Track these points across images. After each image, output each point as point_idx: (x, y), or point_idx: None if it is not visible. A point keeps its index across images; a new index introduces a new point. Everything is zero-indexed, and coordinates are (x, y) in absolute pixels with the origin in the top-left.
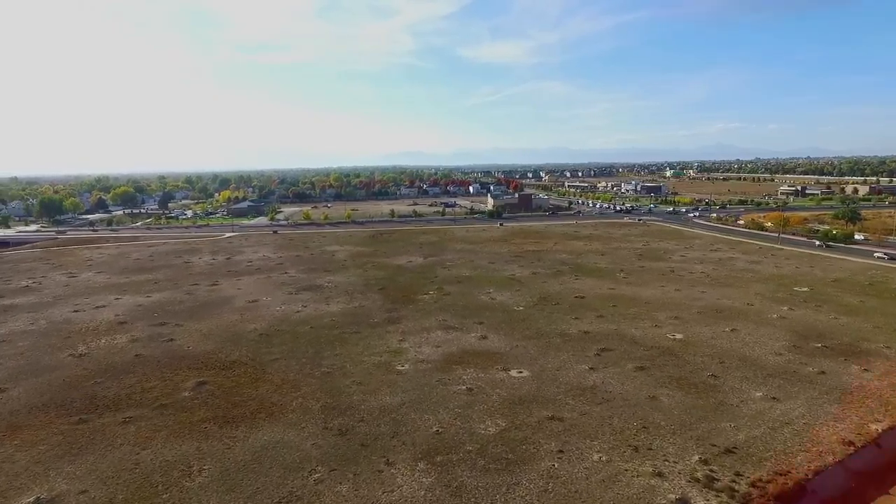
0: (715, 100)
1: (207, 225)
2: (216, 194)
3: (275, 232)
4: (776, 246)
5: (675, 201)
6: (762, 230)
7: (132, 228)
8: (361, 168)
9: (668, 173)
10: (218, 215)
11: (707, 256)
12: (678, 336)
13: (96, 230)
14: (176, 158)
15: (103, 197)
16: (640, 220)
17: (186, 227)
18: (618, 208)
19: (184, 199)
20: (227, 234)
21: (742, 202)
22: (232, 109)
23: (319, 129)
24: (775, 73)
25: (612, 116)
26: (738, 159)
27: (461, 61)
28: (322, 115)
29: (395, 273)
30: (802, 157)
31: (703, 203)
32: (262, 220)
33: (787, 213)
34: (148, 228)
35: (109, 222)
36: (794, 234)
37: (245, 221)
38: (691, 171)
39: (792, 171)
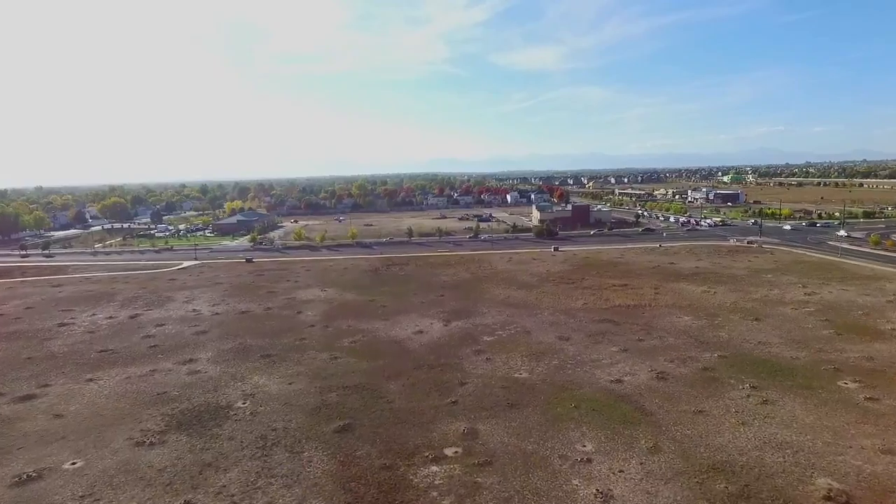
0: (757, 103)
1: (171, 249)
2: (226, 204)
3: (248, 261)
4: None
5: (777, 214)
6: None
7: (78, 253)
8: (393, 175)
9: (725, 178)
10: (201, 234)
11: None
12: None
13: (27, 255)
14: (220, 167)
15: (84, 210)
16: (749, 242)
17: (143, 252)
18: (704, 224)
19: (189, 210)
20: (184, 264)
21: (868, 214)
22: (276, 119)
23: (360, 138)
24: (821, 74)
25: (649, 121)
26: (786, 163)
27: (495, 68)
28: (362, 123)
29: (387, 368)
30: (857, 159)
31: (814, 216)
32: (247, 240)
33: None
34: (94, 254)
35: (46, 245)
36: None
37: (226, 242)
38: (750, 176)
39: (871, 174)
